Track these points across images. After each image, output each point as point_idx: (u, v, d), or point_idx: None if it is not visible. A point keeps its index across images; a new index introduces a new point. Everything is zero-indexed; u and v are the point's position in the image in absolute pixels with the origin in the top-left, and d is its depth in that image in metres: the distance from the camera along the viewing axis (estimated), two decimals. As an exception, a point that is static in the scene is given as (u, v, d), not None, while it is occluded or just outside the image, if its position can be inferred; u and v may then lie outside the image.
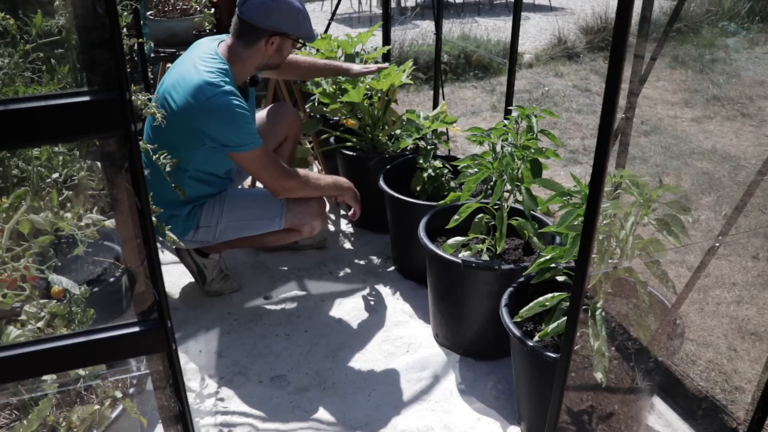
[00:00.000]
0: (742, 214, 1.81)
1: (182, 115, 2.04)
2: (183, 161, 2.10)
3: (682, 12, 6.26)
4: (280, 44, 2.17)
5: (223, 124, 2.04)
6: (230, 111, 2.02)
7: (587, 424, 1.61)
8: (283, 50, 2.21)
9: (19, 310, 1.35)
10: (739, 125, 4.34)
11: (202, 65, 2.08)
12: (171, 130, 2.04)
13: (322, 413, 1.91)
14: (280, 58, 2.23)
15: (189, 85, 2.03)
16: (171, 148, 2.09)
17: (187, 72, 2.07)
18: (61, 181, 1.63)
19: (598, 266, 1.54)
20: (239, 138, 2.07)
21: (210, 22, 3.02)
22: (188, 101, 2.02)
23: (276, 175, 2.18)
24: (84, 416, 1.32)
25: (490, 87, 5.34)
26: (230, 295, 2.47)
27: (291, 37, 2.18)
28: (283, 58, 2.25)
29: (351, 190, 2.43)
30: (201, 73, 2.05)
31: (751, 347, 2.16)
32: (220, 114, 2.02)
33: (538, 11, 9.09)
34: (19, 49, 1.75)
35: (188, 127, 2.05)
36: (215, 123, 2.03)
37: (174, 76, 2.12)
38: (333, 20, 3.93)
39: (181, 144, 2.09)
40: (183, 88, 2.04)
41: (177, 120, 2.04)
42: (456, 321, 2.10)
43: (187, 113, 2.03)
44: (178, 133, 2.07)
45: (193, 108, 2.01)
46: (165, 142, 2.08)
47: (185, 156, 2.11)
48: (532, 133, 1.97)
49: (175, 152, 2.09)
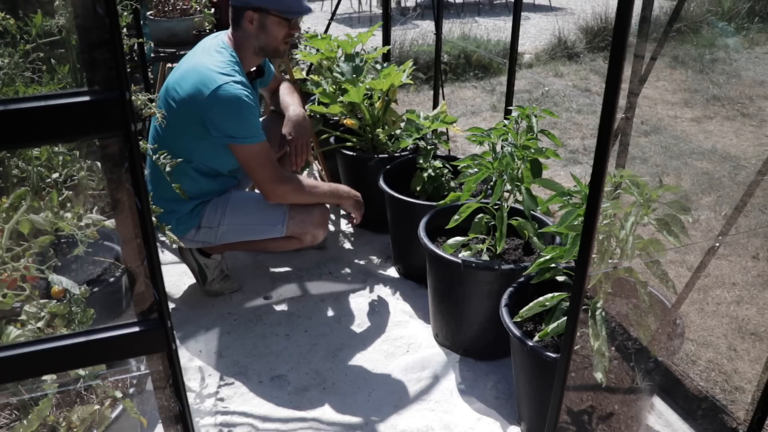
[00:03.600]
0: (742, 214, 1.81)
1: (191, 104, 2.06)
2: (187, 151, 2.13)
3: (682, 12, 6.25)
4: (260, 20, 2.14)
5: (229, 114, 2.05)
6: (238, 102, 2.04)
7: (587, 424, 1.61)
8: (268, 28, 2.16)
9: (19, 310, 1.35)
10: (739, 125, 4.34)
11: (212, 56, 2.12)
12: (178, 119, 2.08)
13: (322, 413, 1.91)
14: (270, 38, 2.18)
15: (199, 75, 2.06)
16: (177, 137, 2.12)
17: (198, 63, 2.11)
18: (61, 181, 1.63)
19: (598, 266, 1.54)
20: (243, 130, 2.07)
21: (210, 22, 3.02)
22: (198, 90, 2.04)
23: (271, 176, 2.17)
24: (84, 416, 1.32)
25: (490, 87, 5.34)
26: (230, 295, 2.47)
27: (272, 13, 2.14)
28: (274, 38, 2.18)
29: (351, 198, 2.39)
30: (211, 63, 2.08)
31: (751, 347, 2.16)
32: (228, 104, 2.03)
33: (538, 11, 9.09)
34: (19, 49, 1.75)
35: (195, 115, 2.07)
36: (222, 113, 2.04)
37: (183, 67, 2.15)
38: (333, 20, 3.93)
39: (187, 133, 2.11)
40: (193, 78, 2.07)
41: (185, 109, 2.07)
42: (456, 321, 2.10)
43: (195, 102, 2.04)
44: (185, 121, 2.09)
45: (203, 96, 2.03)
46: (171, 131, 2.10)
47: (190, 145, 2.13)
48: (532, 133, 1.97)
49: (181, 141, 2.12)
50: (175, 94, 2.10)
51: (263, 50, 2.22)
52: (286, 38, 2.23)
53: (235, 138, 2.08)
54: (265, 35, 2.18)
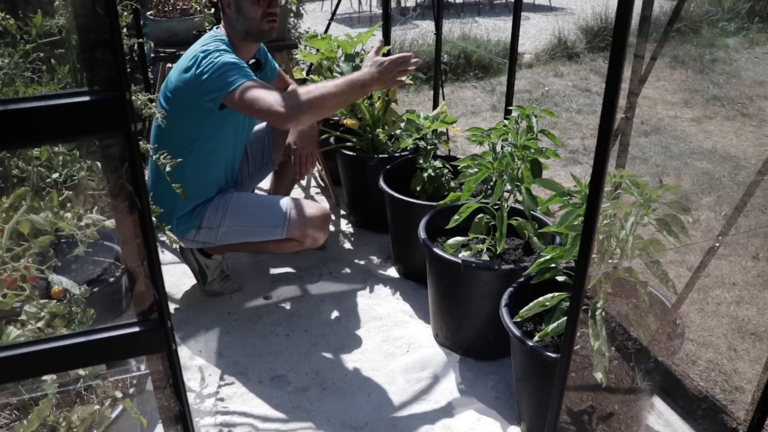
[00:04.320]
0: (742, 214, 1.81)
1: (183, 83, 2.10)
2: (193, 135, 2.17)
3: (682, 12, 6.25)
4: (237, 4, 2.17)
5: (211, 69, 2.05)
6: (217, 55, 2.06)
7: (587, 424, 1.61)
8: (244, 10, 2.16)
9: (19, 310, 1.35)
10: (739, 125, 4.35)
11: (201, 41, 2.19)
12: (177, 105, 2.12)
13: (322, 413, 1.91)
14: (248, 20, 2.17)
15: (185, 55, 2.14)
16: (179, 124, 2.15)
17: (187, 52, 2.17)
18: (61, 181, 1.64)
19: (598, 266, 1.54)
20: (229, 75, 2.02)
21: (210, 22, 3.02)
22: (185, 66, 2.10)
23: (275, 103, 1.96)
24: (84, 416, 1.32)
25: (490, 87, 5.34)
26: (230, 295, 2.47)
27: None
28: (252, 19, 2.17)
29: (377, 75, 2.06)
30: (197, 44, 2.16)
31: (751, 347, 2.16)
32: (208, 62, 2.06)
33: (538, 11, 9.09)
34: (19, 49, 1.75)
35: (189, 92, 2.09)
36: (206, 71, 2.05)
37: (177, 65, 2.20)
38: (333, 20, 3.93)
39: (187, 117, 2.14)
40: (182, 60, 2.14)
41: (180, 90, 2.11)
42: (456, 321, 2.10)
43: (185, 79, 2.09)
44: (183, 103, 2.12)
45: (190, 70, 2.08)
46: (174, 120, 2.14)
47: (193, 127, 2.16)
48: (532, 133, 1.97)
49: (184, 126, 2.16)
50: (170, 82, 2.15)
51: (248, 33, 2.22)
52: (266, 17, 2.20)
53: (223, 89, 2.01)
54: (243, 17, 2.19)
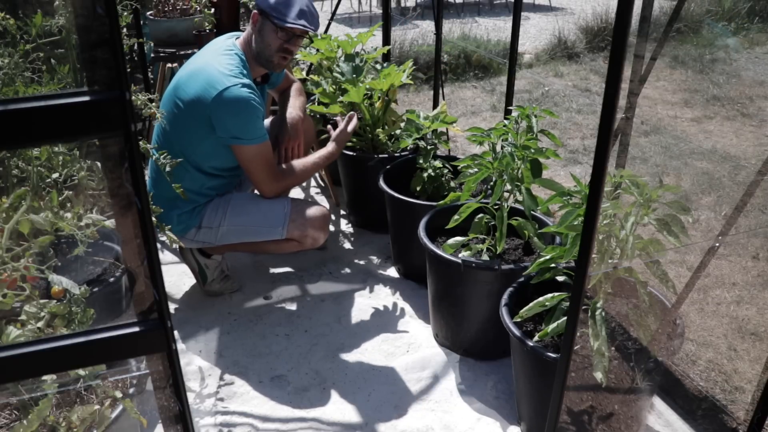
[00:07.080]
0: (742, 214, 1.81)
1: (198, 104, 2.09)
2: (190, 149, 2.17)
3: (682, 12, 6.25)
4: (261, 24, 2.18)
5: (235, 116, 2.09)
6: (244, 104, 2.08)
7: (587, 424, 1.61)
8: (264, 33, 2.18)
9: (19, 310, 1.35)
10: (739, 125, 4.34)
11: (221, 58, 2.15)
12: (185, 118, 2.12)
13: (322, 413, 1.91)
14: (264, 44, 2.19)
15: (207, 76, 2.09)
16: (182, 135, 2.16)
17: (207, 63, 2.14)
18: (61, 181, 1.64)
19: (598, 266, 1.54)
20: (247, 131, 2.12)
21: (210, 22, 3.02)
22: (205, 90, 2.07)
23: (269, 177, 2.24)
24: (84, 416, 1.32)
25: (490, 87, 5.33)
26: (230, 295, 2.47)
27: (269, 18, 2.16)
28: (267, 46, 2.19)
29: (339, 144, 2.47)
30: (219, 65, 2.12)
31: (751, 347, 2.16)
32: (234, 106, 2.07)
33: (538, 11, 9.09)
34: (19, 49, 1.75)
35: (202, 115, 2.10)
36: (228, 114, 2.08)
37: (192, 66, 2.18)
38: (333, 20, 3.93)
39: (192, 131, 2.14)
40: (201, 79, 2.10)
41: (192, 108, 2.10)
42: (456, 321, 2.10)
43: (202, 102, 2.08)
44: (192, 120, 2.12)
45: (210, 97, 2.06)
46: (177, 128, 2.16)
47: (194, 143, 2.16)
48: (532, 133, 1.97)
49: (185, 138, 2.16)
50: (183, 93, 2.13)
51: (259, 56, 2.23)
52: (281, 51, 2.21)
53: (239, 139, 2.12)
54: (261, 40, 2.20)
